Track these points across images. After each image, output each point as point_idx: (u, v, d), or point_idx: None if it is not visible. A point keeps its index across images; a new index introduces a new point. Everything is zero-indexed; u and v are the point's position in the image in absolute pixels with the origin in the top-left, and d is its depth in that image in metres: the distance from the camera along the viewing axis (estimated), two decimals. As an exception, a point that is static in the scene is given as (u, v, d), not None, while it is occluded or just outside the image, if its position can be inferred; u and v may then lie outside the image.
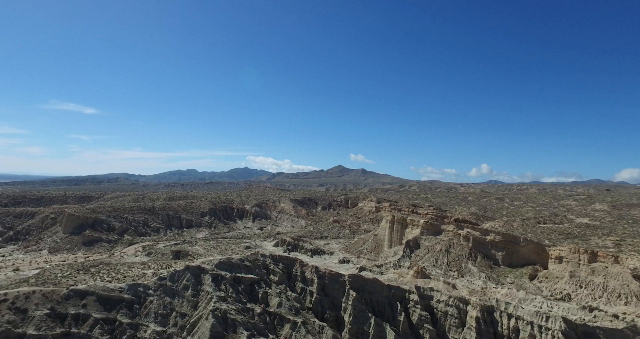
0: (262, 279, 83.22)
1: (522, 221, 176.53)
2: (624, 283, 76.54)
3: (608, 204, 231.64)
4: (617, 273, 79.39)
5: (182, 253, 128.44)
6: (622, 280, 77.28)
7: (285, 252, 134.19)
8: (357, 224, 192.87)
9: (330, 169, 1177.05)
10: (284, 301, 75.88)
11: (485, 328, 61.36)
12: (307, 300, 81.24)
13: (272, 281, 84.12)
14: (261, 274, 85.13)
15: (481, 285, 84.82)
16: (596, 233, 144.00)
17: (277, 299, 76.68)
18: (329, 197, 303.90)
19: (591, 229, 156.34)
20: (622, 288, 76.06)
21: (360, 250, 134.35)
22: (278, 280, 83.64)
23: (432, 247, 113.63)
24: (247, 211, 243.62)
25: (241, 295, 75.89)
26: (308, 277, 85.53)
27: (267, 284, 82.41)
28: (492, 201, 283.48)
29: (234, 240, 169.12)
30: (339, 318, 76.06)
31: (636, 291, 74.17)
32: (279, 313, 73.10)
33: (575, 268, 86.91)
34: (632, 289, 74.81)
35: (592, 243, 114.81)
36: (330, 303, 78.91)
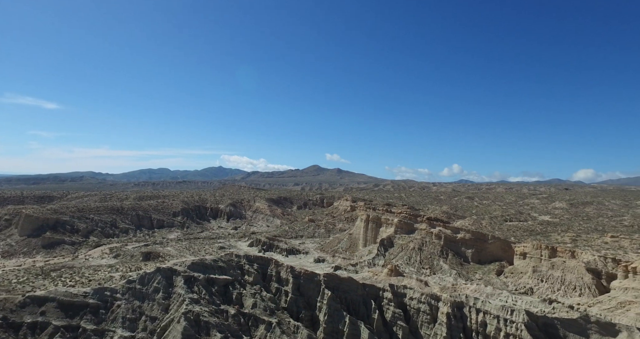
0: (236, 280, 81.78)
1: (490, 219, 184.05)
2: (579, 276, 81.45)
3: (566, 203, 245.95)
4: (573, 266, 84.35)
5: (152, 255, 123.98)
6: (578, 273, 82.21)
7: (260, 252, 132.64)
8: (333, 224, 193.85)
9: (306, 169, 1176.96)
10: (258, 302, 74.93)
11: (455, 323, 63.32)
12: (282, 300, 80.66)
13: (247, 281, 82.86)
14: (235, 275, 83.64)
15: (452, 282, 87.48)
16: (556, 230, 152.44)
17: (252, 300, 75.62)
18: (304, 197, 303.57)
19: (552, 226, 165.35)
20: (577, 281, 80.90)
21: (336, 249, 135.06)
22: (253, 281, 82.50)
23: (406, 245, 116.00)
24: (221, 211, 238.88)
25: (215, 297, 74.21)
26: (283, 277, 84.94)
27: (242, 285, 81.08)
28: (463, 200, 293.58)
29: (208, 240, 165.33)
30: (314, 317, 76.06)
31: (589, 283, 79.12)
32: (253, 313, 72.11)
33: (537, 263, 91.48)
34: (585, 282, 79.74)
35: (552, 239, 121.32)
36: (306, 303, 78.75)
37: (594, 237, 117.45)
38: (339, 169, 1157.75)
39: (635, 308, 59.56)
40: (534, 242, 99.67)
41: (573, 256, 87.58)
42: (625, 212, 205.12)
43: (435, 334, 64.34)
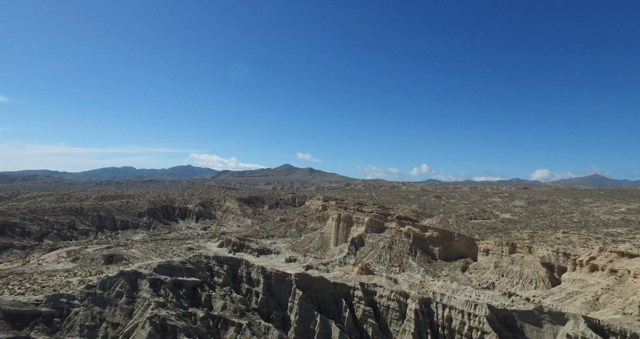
0: (205, 281, 79.69)
1: (456, 217, 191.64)
2: (535, 270, 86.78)
3: (525, 201, 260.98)
4: (530, 261, 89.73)
5: (115, 257, 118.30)
6: (534, 267, 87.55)
7: (230, 252, 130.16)
8: (304, 223, 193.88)
9: (278, 168, 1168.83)
10: (228, 304, 73.48)
11: (423, 319, 65.33)
12: (252, 301, 79.61)
13: (217, 283, 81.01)
14: (205, 276, 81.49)
15: (420, 279, 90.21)
16: (516, 227, 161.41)
17: (222, 301, 74.02)
18: (276, 196, 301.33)
19: (512, 224, 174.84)
20: (533, 274, 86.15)
21: (307, 249, 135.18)
22: (222, 282, 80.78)
23: (376, 244, 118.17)
24: (190, 211, 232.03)
25: (182, 300, 71.89)
26: (254, 278, 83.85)
27: (211, 286, 79.15)
28: (431, 199, 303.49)
29: (176, 241, 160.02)
30: (285, 317, 75.69)
31: (543, 276, 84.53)
32: (223, 315, 70.61)
33: (499, 259, 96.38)
34: (540, 275, 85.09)
35: (512, 236, 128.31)
36: (277, 303, 78.20)
37: (548, 233, 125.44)
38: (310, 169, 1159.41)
39: (581, 297, 64.28)
40: (496, 239, 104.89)
41: (530, 252, 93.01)
42: (574, 209, 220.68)
43: (403, 331, 66.02)
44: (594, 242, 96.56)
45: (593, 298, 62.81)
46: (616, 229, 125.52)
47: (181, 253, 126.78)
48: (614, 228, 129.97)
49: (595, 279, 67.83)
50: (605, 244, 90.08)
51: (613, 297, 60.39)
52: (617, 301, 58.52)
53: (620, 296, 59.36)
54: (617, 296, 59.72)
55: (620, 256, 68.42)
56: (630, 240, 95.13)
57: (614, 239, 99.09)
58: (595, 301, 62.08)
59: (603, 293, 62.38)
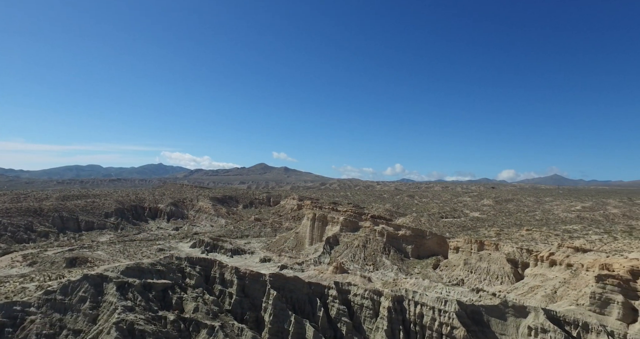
0: (176, 283, 77.64)
1: (428, 216, 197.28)
2: (501, 266, 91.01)
3: (493, 200, 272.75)
4: (497, 258, 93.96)
5: (79, 260, 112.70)
6: (500, 264, 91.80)
7: (203, 253, 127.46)
8: (279, 223, 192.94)
9: (253, 167, 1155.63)
10: (200, 306, 71.99)
11: (396, 316, 66.89)
12: (226, 302, 78.45)
13: (188, 285, 79.14)
14: (176, 278, 79.38)
15: (393, 277, 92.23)
16: (484, 225, 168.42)
17: (194, 303, 72.41)
18: (250, 196, 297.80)
19: (480, 222, 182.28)
20: (499, 270, 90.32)
21: (282, 248, 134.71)
22: (195, 284, 79.03)
23: (351, 243, 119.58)
24: (161, 211, 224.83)
25: (152, 303, 69.66)
26: (227, 278, 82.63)
27: (183, 288, 77.21)
28: (404, 198, 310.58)
29: (145, 242, 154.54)
30: (259, 318, 75.17)
31: (509, 272, 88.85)
32: (195, 318, 69.09)
33: (468, 256, 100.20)
34: (506, 271, 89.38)
35: (481, 234, 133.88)
36: (251, 304, 77.51)
37: (513, 231, 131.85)
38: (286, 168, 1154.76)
39: (541, 291, 68.14)
40: (466, 238, 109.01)
41: (497, 249, 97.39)
42: (537, 208, 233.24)
43: (377, 328, 67.32)
44: (554, 239, 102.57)
45: (552, 291, 66.71)
46: (572, 226, 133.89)
47: (151, 255, 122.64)
48: (570, 225, 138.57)
49: (554, 273, 72.04)
50: (563, 240, 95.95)
51: (568, 289, 64.43)
52: (572, 293, 62.51)
53: (574, 288, 63.42)
54: (572, 289, 63.77)
55: (575, 251, 73.05)
56: (584, 236, 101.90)
57: (571, 236, 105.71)
58: (553, 294, 65.95)
59: (560, 286, 66.40)
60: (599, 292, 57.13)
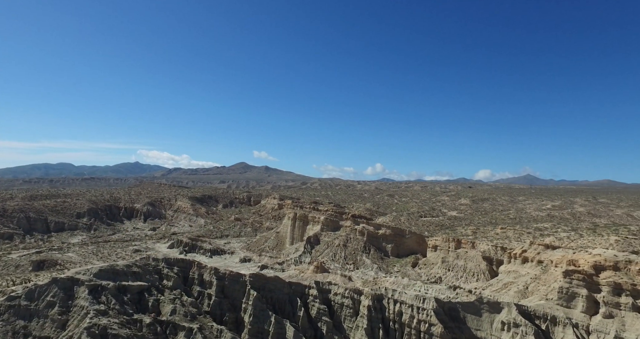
0: (153, 285, 75.64)
1: (408, 215, 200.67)
2: (477, 264, 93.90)
3: (470, 199, 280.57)
4: (473, 256, 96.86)
5: (47, 263, 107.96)
6: (476, 261, 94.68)
7: (181, 254, 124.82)
8: (260, 222, 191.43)
9: (233, 166, 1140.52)
10: (178, 308, 70.47)
11: (375, 315, 67.77)
12: (205, 304, 77.14)
13: (166, 286, 77.28)
14: (153, 280, 77.32)
15: (373, 275, 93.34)
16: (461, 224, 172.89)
17: (171, 306, 70.79)
18: (230, 195, 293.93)
19: (458, 221, 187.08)
20: (475, 268, 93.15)
21: (262, 248, 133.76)
22: (172, 285, 77.26)
23: (331, 242, 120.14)
24: (138, 211, 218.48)
25: (127, 306, 67.59)
26: (206, 279, 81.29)
27: (160, 290, 75.32)
28: (385, 198, 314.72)
29: (121, 243, 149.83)
30: (239, 319, 74.38)
31: (484, 269, 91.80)
32: (172, 320, 67.58)
33: (446, 255, 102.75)
34: (481, 268, 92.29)
35: (458, 232, 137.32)
36: (230, 305, 76.56)
37: (489, 229, 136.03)
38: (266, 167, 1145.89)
39: (514, 287, 70.83)
40: (443, 236, 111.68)
41: (473, 247, 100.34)
42: (511, 207, 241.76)
43: (357, 327, 67.99)
44: (526, 237, 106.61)
45: (524, 287, 69.44)
46: (543, 224, 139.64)
47: (126, 256, 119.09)
48: (541, 223, 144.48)
49: (526, 270, 75.00)
50: (534, 238, 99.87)
51: (539, 285, 67.27)
52: (542, 289, 65.33)
53: (544, 284, 66.30)
54: (542, 284, 66.64)
55: (545, 248, 76.32)
56: (554, 234, 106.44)
57: (542, 234, 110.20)
58: (525, 290, 68.67)
59: (531, 282, 69.22)
60: (566, 287, 59.95)
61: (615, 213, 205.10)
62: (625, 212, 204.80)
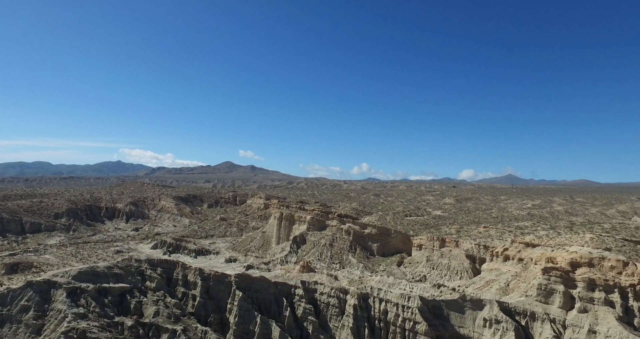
0: (135, 287, 74.05)
1: (393, 214, 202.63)
2: (460, 262, 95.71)
3: (454, 199, 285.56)
4: (457, 254, 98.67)
5: (22, 266, 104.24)
6: (459, 260, 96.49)
7: (165, 254, 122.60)
8: (246, 222, 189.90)
9: (218, 165, 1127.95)
10: (161, 309, 69.23)
11: (361, 314, 68.20)
12: (189, 305, 76.05)
13: (149, 288, 75.78)
14: (135, 281, 75.69)
15: (359, 275, 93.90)
16: (445, 223, 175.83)
17: (154, 307, 69.47)
18: (216, 194, 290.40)
19: (442, 220, 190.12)
20: (459, 266, 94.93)
21: (248, 248, 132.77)
22: (156, 287, 75.82)
23: (318, 242, 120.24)
24: (120, 211, 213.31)
25: (108, 308, 65.96)
26: (191, 280, 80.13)
27: (142, 292, 73.80)
28: (370, 197, 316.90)
29: (101, 244, 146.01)
30: (224, 320, 73.64)
31: (467, 267, 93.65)
32: (155, 322, 66.34)
33: (430, 253, 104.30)
34: (465, 267, 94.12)
35: (442, 231, 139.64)
36: (215, 306, 75.71)
37: (472, 228, 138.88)
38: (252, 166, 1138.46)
39: (496, 284, 72.48)
40: (428, 235, 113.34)
41: (457, 246, 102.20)
42: (493, 206, 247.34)
43: (342, 326, 68.28)
44: (507, 235, 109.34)
45: (505, 284, 71.15)
46: (524, 222, 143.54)
47: (108, 257, 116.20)
48: (522, 222, 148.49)
49: (507, 267, 76.87)
50: (515, 236, 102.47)
51: (519, 282, 69.09)
52: (522, 286, 67.13)
53: (524, 281, 68.14)
54: (522, 281, 68.47)
55: (526, 246, 78.39)
56: (534, 232, 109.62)
57: (522, 232, 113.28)
58: (506, 287, 70.38)
59: (512, 279, 71.01)
60: (544, 283, 61.79)
61: (591, 212, 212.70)
62: (599, 211, 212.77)
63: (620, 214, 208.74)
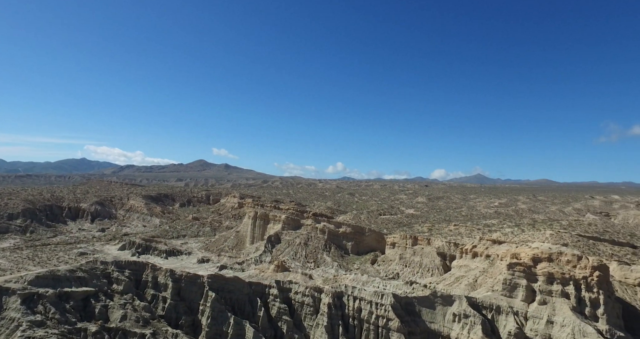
0: (101, 290, 70.63)
1: (368, 213, 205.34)
2: (432, 259, 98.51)
3: (426, 198, 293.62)
4: (428, 252, 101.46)
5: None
6: (431, 257, 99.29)
7: (134, 256, 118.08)
8: (219, 221, 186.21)
9: (191, 163, 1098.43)
10: (129, 313, 66.48)
11: (335, 312, 68.62)
12: (159, 308, 73.55)
13: (116, 291, 72.56)
14: (100, 285, 72.19)
15: (334, 273, 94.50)
16: (418, 221, 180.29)
17: (121, 311, 66.60)
18: (188, 194, 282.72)
19: (415, 218, 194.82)
20: (430, 263, 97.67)
21: (222, 248, 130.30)
22: (123, 289, 72.73)
23: (293, 241, 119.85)
24: (85, 211, 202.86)
25: (69, 314, 62.46)
26: (161, 282, 77.53)
27: (108, 296, 70.53)
28: (345, 196, 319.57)
29: (63, 247, 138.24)
30: (196, 322, 71.84)
31: (438, 264, 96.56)
32: (122, 327, 63.61)
33: (403, 251, 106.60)
34: (436, 264, 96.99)
35: (415, 230, 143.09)
36: (187, 308, 73.72)
37: (443, 226, 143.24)
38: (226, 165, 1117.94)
39: (465, 280, 75.24)
40: (401, 233, 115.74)
41: (429, 243, 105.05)
42: (463, 204, 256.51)
43: (317, 325, 68.41)
44: (476, 233, 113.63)
45: (473, 280, 73.97)
46: (491, 220, 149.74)
47: (70, 260, 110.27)
48: (490, 220, 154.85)
49: (476, 264, 79.94)
50: (483, 234, 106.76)
51: (487, 278, 72.06)
52: (489, 281, 70.08)
53: (491, 276, 71.17)
54: (489, 277, 71.48)
55: (493, 243, 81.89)
56: (500, 230, 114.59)
57: (490, 229, 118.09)
58: (475, 283, 73.19)
59: (480, 275, 73.96)
60: (509, 278, 64.78)
61: (551, 209, 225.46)
62: (558, 209, 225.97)
63: (576, 211, 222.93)
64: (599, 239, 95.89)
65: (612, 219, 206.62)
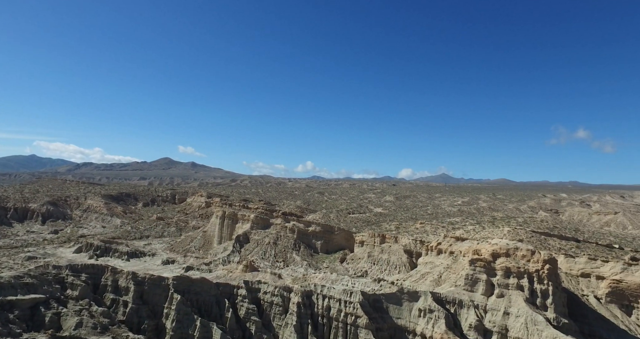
0: (52, 297, 66.01)
1: (337, 212, 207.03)
2: (399, 257, 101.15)
3: (394, 196, 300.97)
4: (396, 249, 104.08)
5: None
6: (398, 255, 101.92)
7: (92, 258, 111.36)
8: (185, 221, 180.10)
9: (155, 161, 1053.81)
10: (85, 320, 62.64)
11: (305, 311, 68.60)
12: (120, 312, 70.02)
13: (70, 297, 68.14)
14: (52, 291, 67.48)
15: (303, 272, 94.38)
16: (385, 220, 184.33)
17: (76, 318, 62.60)
18: (152, 193, 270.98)
19: (383, 217, 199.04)
20: (398, 261, 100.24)
21: (188, 248, 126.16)
22: (79, 295, 68.46)
23: (262, 240, 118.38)
24: (34, 211, 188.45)
25: (15, 324, 57.81)
26: (122, 285, 73.77)
27: (61, 302, 66.06)
28: (315, 195, 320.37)
29: (7, 251, 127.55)
30: (160, 325, 69.11)
31: (405, 262, 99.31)
32: (76, 335, 59.83)
33: (371, 249, 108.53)
34: (403, 261, 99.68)
35: (383, 228, 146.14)
36: (150, 311, 70.72)
37: (410, 224, 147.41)
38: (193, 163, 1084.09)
39: (430, 276, 77.93)
40: (370, 232, 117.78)
41: (396, 241, 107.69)
42: (429, 203, 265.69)
43: (286, 324, 68.05)
44: (441, 230, 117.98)
45: (438, 276, 76.74)
46: (455, 218, 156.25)
47: (16, 265, 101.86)
48: (453, 218, 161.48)
49: (440, 260, 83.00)
50: (447, 231, 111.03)
51: (450, 273, 75.06)
52: (452, 276, 73.06)
53: (454, 272, 74.23)
54: (452, 273, 74.51)
55: (456, 240, 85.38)
56: (463, 227, 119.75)
57: (454, 227, 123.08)
58: (439, 279, 75.97)
59: (444, 271, 76.89)
60: (470, 273, 67.88)
61: (508, 207, 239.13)
62: (515, 207, 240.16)
63: (530, 209, 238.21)
64: (549, 234, 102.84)
65: (561, 215, 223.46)
